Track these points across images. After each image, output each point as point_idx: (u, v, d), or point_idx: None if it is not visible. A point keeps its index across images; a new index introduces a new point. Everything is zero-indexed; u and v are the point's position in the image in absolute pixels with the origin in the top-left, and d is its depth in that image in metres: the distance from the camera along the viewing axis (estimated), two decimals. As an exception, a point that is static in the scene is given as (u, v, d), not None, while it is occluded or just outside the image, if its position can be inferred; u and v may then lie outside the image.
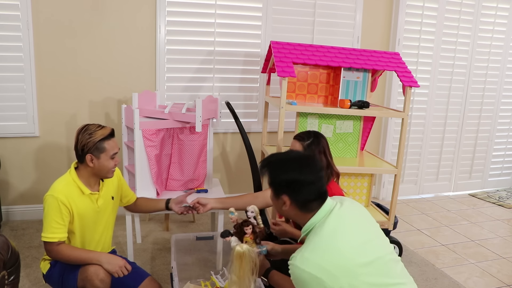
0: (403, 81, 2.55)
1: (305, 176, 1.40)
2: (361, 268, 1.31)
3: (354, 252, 1.33)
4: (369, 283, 1.32)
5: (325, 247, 1.32)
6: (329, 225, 1.37)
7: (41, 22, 2.98)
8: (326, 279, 1.28)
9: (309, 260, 1.30)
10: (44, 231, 1.74)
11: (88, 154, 1.76)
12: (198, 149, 2.62)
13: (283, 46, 2.60)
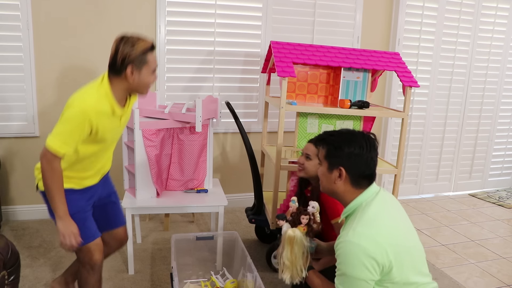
0: (403, 81, 2.54)
1: (366, 151, 1.44)
2: (407, 249, 1.37)
3: (401, 234, 1.38)
4: (413, 266, 1.38)
5: (378, 223, 1.36)
6: (376, 205, 1.41)
7: (41, 22, 2.98)
8: (378, 253, 1.30)
9: (362, 233, 1.32)
10: (54, 137, 1.57)
11: (130, 66, 1.61)
12: (198, 149, 2.62)
13: (283, 46, 2.60)
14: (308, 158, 2.09)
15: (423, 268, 1.44)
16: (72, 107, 1.58)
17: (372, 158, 1.45)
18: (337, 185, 1.47)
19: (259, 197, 2.65)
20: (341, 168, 1.45)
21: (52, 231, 3.04)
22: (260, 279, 1.97)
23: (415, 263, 1.40)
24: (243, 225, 3.32)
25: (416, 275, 1.40)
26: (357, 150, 1.44)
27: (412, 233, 1.45)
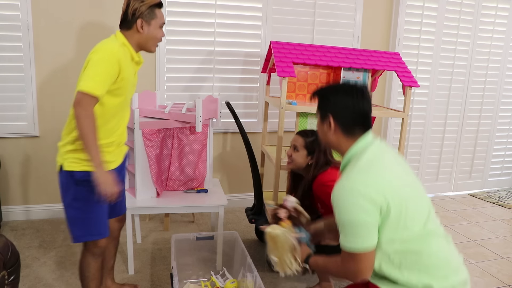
0: (403, 81, 2.55)
1: (353, 98, 1.42)
2: (409, 197, 1.32)
3: (401, 181, 1.34)
4: (419, 217, 1.32)
5: (372, 169, 1.33)
6: (371, 152, 1.38)
7: (41, 22, 2.98)
8: (373, 191, 1.27)
9: (355, 178, 1.31)
10: (87, 81, 1.59)
11: (139, 19, 1.74)
12: (198, 149, 2.61)
13: (283, 46, 2.60)
14: (296, 149, 2.14)
15: (433, 224, 1.36)
16: (99, 51, 1.67)
17: (360, 105, 1.42)
18: (330, 135, 1.46)
19: (259, 197, 2.65)
20: (329, 117, 1.44)
21: (52, 231, 3.04)
22: (260, 279, 1.97)
23: (421, 215, 1.33)
24: (243, 225, 3.32)
25: (423, 226, 1.32)
26: (343, 97, 1.43)
27: (415, 184, 1.39)
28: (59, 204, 3.29)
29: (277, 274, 2.58)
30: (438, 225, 1.40)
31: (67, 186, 1.79)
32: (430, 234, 1.34)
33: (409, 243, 1.31)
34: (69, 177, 1.76)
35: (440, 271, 1.31)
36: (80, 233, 1.82)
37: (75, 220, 1.82)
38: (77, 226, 1.82)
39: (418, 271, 1.31)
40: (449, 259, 1.35)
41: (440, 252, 1.33)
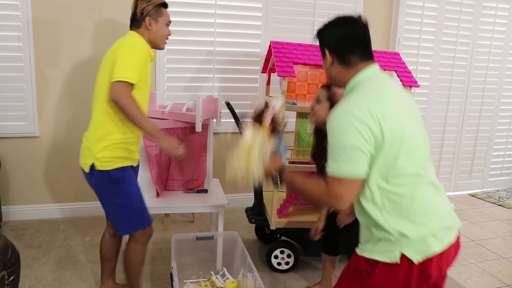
0: (403, 81, 2.54)
1: (345, 28, 1.39)
2: (406, 131, 1.26)
3: (399, 112, 1.27)
4: (413, 156, 1.27)
5: (371, 94, 1.28)
6: (375, 81, 1.34)
7: (41, 22, 2.98)
8: (369, 117, 1.21)
9: (352, 101, 1.26)
10: (122, 71, 1.70)
11: (148, 17, 1.87)
12: (198, 149, 2.61)
13: (283, 46, 2.60)
14: (319, 102, 2.08)
15: (425, 171, 1.30)
16: (127, 44, 1.77)
17: (351, 32, 1.37)
18: (331, 70, 1.42)
19: (259, 197, 2.65)
20: (326, 51, 1.41)
21: (52, 231, 3.04)
22: (260, 279, 1.97)
23: (415, 157, 1.28)
24: (243, 225, 3.32)
25: (415, 169, 1.27)
26: (334, 29, 1.40)
27: (416, 124, 1.33)
28: (59, 204, 3.29)
29: (277, 274, 2.59)
30: (431, 173, 1.34)
31: (104, 185, 1.87)
32: (420, 180, 1.29)
33: (396, 183, 1.26)
34: (104, 177, 1.85)
35: (420, 217, 1.27)
36: (128, 226, 1.92)
37: (120, 214, 1.91)
38: (123, 220, 1.91)
39: (397, 216, 1.27)
40: (433, 207, 1.29)
41: (425, 200, 1.28)
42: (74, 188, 3.29)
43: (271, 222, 2.53)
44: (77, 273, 2.49)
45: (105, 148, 1.83)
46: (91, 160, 1.84)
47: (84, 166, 1.88)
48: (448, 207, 1.35)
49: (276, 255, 2.59)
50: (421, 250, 1.25)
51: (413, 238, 1.25)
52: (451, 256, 1.32)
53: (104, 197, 1.91)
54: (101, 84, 1.83)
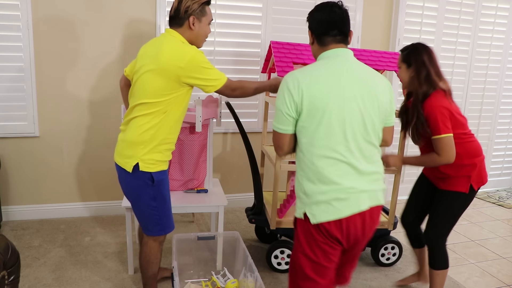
0: (403, 81, 2.54)
1: (321, 12, 1.62)
2: (328, 111, 1.46)
3: (328, 93, 1.46)
4: (329, 137, 1.47)
5: (309, 71, 1.51)
6: (326, 61, 1.55)
7: (41, 22, 2.97)
8: (295, 89, 1.48)
9: (292, 73, 1.54)
10: (214, 80, 1.84)
11: (192, 16, 1.84)
12: (198, 149, 2.61)
13: (283, 46, 2.60)
14: (399, 67, 2.21)
15: (338, 153, 1.47)
16: (193, 52, 1.79)
17: (326, 16, 1.59)
18: (312, 48, 1.66)
19: (259, 197, 2.65)
20: (309, 31, 1.66)
21: (52, 231, 3.04)
22: (261, 279, 1.97)
23: (334, 133, 1.46)
24: (243, 225, 3.32)
25: (334, 144, 1.47)
26: (315, 12, 1.64)
27: (361, 104, 1.48)
28: (59, 204, 3.29)
29: (277, 274, 2.59)
30: (355, 155, 1.49)
31: (142, 187, 1.87)
32: (333, 156, 1.47)
33: (312, 152, 1.49)
34: (146, 178, 1.86)
35: (323, 186, 1.48)
36: (157, 229, 1.97)
37: (152, 217, 1.93)
38: (153, 222, 1.95)
39: (307, 178, 1.51)
40: (337, 181, 1.47)
41: (332, 174, 1.47)
42: (74, 188, 3.29)
43: (271, 222, 2.53)
44: (77, 273, 2.49)
45: (152, 150, 1.85)
46: (135, 160, 1.84)
47: (126, 166, 1.86)
48: (360, 186, 1.50)
49: (276, 255, 2.59)
50: (318, 213, 1.49)
51: (314, 201, 1.49)
52: (358, 225, 1.51)
53: (139, 198, 1.91)
54: (149, 85, 1.80)
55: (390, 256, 2.76)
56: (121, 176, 1.93)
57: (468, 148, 2.10)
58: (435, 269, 2.25)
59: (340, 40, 1.60)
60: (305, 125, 1.48)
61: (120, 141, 1.91)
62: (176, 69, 1.76)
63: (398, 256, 2.78)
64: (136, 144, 1.84)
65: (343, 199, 1.48)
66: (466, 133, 2.11)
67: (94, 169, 3.29)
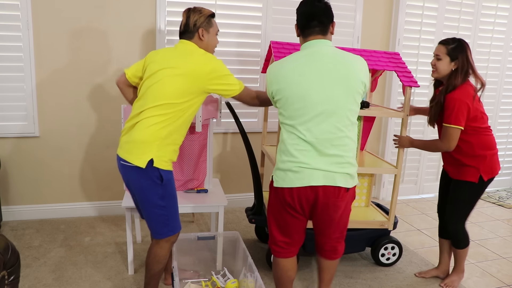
0: (403, 81, 2.54)
1: (303, 6, 1.81)
2: (297, 97, 1.70)
3: (298, 83, 1.69)
4: (296, 109, 1.72)
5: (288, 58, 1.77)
6: (302, 52, 1.77)
7: (41, 22, 2.97)
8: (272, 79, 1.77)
9: (274, 63, 1.81)
10: (234, 84, 2.01)
11: (201, 28, 1.98)
12: (198, 149, 2.62)
13: (283, 46, 2.60)
14: (439, 58, 2.33)
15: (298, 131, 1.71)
16: (216, 60, 1.95)
17: (306, 9, 1.78)
18: (299, 39, 1.86)
19: (259, 197, 2.65)
20: (295, 24, 1.85)
21: (52, 231, 3.04)
22: (261, 279, 1.97)
23: (298, 114, 1.70)
24: (243, 225, 3.32)
25: (295, 122, 1.71)
26: (299, 7, 1.82)
27: (328, 88, 1.68)
28: (59, 204, 3.29)
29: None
30: (314, 134, 1.69)
31: (151, 186, 1.88)
32: (295, 132, 1.72)
33: (284, 124, 1.76)
34: (157, 176, 1.88)
35: (286, 157, 1.74)
36: (166, 230, 1.98)
37: (160, 217, 1.95)
38: (161, 224, 1.96)
39: (280, 149, 1.79)
40: (297, 156, 1.71)
41: (292, 148, 1.72)
42: (74, 188, 3.29)
43: None
44: (77, 273, 2.49)
45: (165, 148, 1.89)
46: (150, 155, 1.85)
47: (138, 162, 1.85)
48: (315, 164, 1.71)
49: None
50: (279, 179, 1.77)
51: (278, 168, 1.78)
52: (309, 197, 1.73)
53: (147, 197, 1.91)
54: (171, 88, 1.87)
55: (390, 256, 2.76)
56: (129, 176, 1.91)
57: (482, 140, 2.28)
58: (460, 249, 2.47)
59: (319, 32, 1.77)
60: (280, 104, 1.75)
61: (126, 143, 1.90)
62: (203, 75, 1.90)
63: (398, 256, 2.77)
64: (149, 142, 1.85)
65: (296, 172, 1.71)
66: (482, 127, 2.29)
67: (94, 169, 3.29)
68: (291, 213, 1.80)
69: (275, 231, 1.89)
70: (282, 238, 1.88)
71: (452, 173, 2.40)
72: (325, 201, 1.74)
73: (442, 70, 2.33)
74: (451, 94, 2.25)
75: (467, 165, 2.30)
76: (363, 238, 2.69)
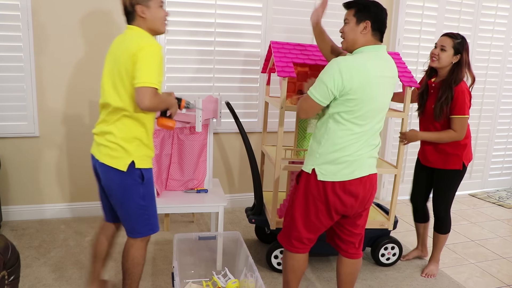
0: (403, 81, 2.54)
1: (380, 11, 1.85)
2: (369, 98, 1.75)
3: (371, 84, 1.73)
4: (367, 117, 1.79)
5: (361, 60, 1.76)
6: (368, 55, 1.80)
7: (41, 22, 2.97)
8: (347, 74, 1.70)
9: (346, 58, 1.75)
10: (149, 78, 1.67)
11: (138, 5, 1.79)
12: (198, 149, 2.62)
13: (283, 46, 2.60)
14: (443, 49, 2.43)
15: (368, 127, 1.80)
16: (149, 47, 1.71)
17: (383, 17, 1.84)
18: (360, 38, 1.85)
19: (259, 197, 2.65)
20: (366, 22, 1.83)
21: (52, 231, 3.04)
22: (261, 279, 1.97)
23: (370, 117, 1.78)
24: (243, 225, 3.32)
25: (361, 125, 1.78)
26: (377, 10, 1.83)
27: (383, 97, 1.79)
28: (59, 204, 3.29)
29: (277, 274, 2.59)
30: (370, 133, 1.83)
31: (132, 186, 1.85)
32: (359, 131, 1.79)
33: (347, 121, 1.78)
34: (136, 176, 1.84)
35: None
36: (146, 229, 1.94)
37: (141, 217, 1.91)
38: (142, 223, 1.93)
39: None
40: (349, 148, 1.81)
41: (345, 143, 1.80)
42: (74, 188, 3.29)
43: (271, 222, 2.53)
44: (77, 273, 2.49)
45: (140, 147, 1.84)
46: (130, 158, 1.81)
47: (119, 165, 1.81)
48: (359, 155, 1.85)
49: (276, 255, 2.59)
50: (324, 172, 1.82)
51: (321, 161, 1.83)
52: (353, 189, 1.85)
53: (128, 197, 1.86)
54: (118, 82, 1.76)
55: (390, 256, 2.76)
56: (109, 178, 1.85)
57: (467, 129, 2.48)
58: (442, 234, 2.68)
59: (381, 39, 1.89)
60: (345, 101, 1.77)
61: (103, 144, 1.83)
62: (132, 57, 1.73)
63: (398, 256, 2.77)
64: (129, 142, 1.81)
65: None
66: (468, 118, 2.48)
67: (94, 169, 3.29)
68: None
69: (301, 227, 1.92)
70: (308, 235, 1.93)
71: (436, 163, 2.54)
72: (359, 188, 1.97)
73: (445, 61, 2.44)
74: (459, 87, 2.41)
75: (452, 154, 2.48)
76: (363, 238, 2.69)
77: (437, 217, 2.65)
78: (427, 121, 2.54)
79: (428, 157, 2.58)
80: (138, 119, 1.80)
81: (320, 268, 2.70)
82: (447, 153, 2.49)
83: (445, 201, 2.60)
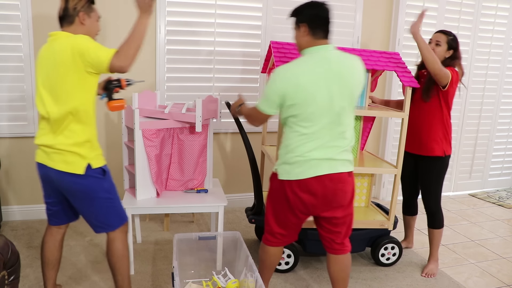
0: (403, 81, 2.54)
1: (311, 8, 1.88)
2: (305, 100, 1.79)
3: (306, 86, 1.78)
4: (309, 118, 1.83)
5: (294, 64, 1.82)
6: (310, 56, 1.84)
7: (41, 22, 2.98)
8: (284, 81, 1.80)
9: (284, 66, 1.84)
10: (105, 51, 1.75)
11: (81, 12, 1.85)
12: (198, 149, 2.62)
13: (283, 46, 2.60)
14: (438, 44, 2.63)
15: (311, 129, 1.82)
16: (80, 36, 1.78)
17: (319, 14, 1.86)
18: (303, 41, 1.91)
19: (259, 197, 2.65)
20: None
21: (52, 231, 3.04)
22: (261, 280, 1.97)
23: (316, 118, 1.81)
24: (243, 225, 3.32)
25: (305, 127, 1.82)
26: (307, 8, 1.88)
27: (325, 95, 1.80)
28: (59, 204, 3.29)
29: (277, 274, 2.59)
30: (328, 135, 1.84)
31: (96, 183, 1.89)
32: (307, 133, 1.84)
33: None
34: (97, 173, 1.88)
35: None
36: (116, 221, 1.98)
37: (110, 209, 1.95)
38: (112, 216, 1.97)
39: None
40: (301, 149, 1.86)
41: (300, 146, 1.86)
42: (74, 188, 3.29)
43: None
44: (77, 273, 2.49)
45: (91, 147, 1.89)
46: (86, 160, 1.85)
47: (77, 169, 1.84)
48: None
49: None
50: (281, 172, 1.92)
51: (280, 162, 1.93)
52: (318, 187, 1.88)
53: (94, 195, 1.89)
54: (59, 89, 1.90)
55: (390, 256, 2.76)
56: (68, 183, 1.86)
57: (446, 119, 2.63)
58: (436, 229, 2.73)
59: (327, 36, 1.90)
60: (289, 107, 1.85)
61: (54, 152, 1.89)
62: (70, 51, 1.79)
63: (398, 256, 2.77)
64: (81, 146, 1.85)
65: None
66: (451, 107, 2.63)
67: (94, 169, 3.29)
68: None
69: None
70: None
71: (420, 149, 2.66)
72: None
73: (439, 55, 2.59)
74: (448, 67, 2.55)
75: (433, 140, 2.63)
76: (363, 238, 2.69)
77: (429, 213, 2.72)
78: (415, 107, 2.63)
79: (416, 146, 2.68)
80: (83, 122, 1.85)
81: (320, 268, 2.70)
82: (430, 139, 2.62)
83: (433, 195, 2.67)
